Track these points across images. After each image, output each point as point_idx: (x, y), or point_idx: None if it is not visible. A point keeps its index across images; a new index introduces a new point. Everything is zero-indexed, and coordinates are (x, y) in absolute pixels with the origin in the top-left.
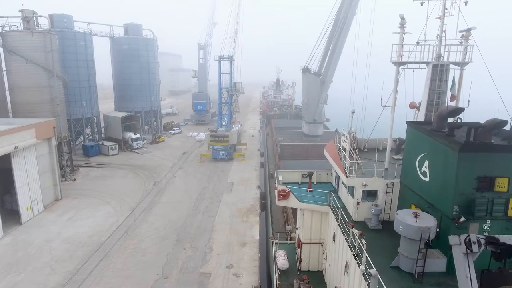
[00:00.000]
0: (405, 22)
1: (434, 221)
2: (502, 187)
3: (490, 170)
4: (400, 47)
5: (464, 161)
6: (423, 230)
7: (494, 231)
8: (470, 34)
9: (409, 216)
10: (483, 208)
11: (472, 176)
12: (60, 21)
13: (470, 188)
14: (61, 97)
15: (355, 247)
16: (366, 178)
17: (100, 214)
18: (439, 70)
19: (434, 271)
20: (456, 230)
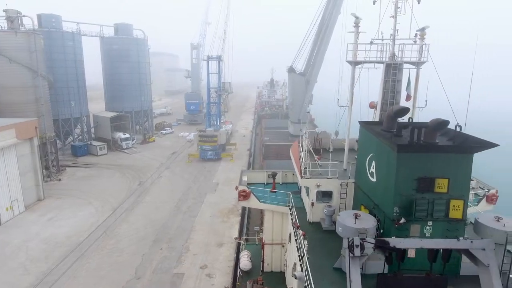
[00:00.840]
0: (359, 21)
1: (373, 222)
2: (442, 188)
3: (430, 170)
4: (355, 46)
5: (403, 162)
6: (359, 232)
7: (435, 232)
8: (425, 33)
9: (349, 218)
10: (423, 210)
11: (412, 177)
12: (48, 21)
13: (410, 189)
14: (46, 97)
15: (300, 249)
16: (320, 179)
17: (82, 214)
18: (392, 69)
19: (375, 272)
20: (396, 232)
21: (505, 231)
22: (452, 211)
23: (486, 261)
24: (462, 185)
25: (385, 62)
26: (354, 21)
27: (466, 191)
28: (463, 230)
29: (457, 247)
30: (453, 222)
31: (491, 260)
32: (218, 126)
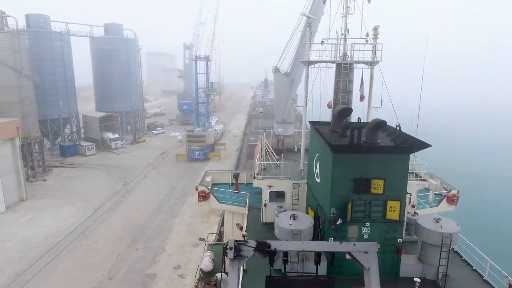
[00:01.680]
0: (311, 21)
1: (309, 223)
2: (378, 189)
3: (366, 171)
4: (308, 46)
5: (338, 162)
6: (293, 233)
7: (373, 233)
8: (378, 33)
9: (286, 219)
10: (360, 211)
11: (348, 178)
12: (36, 21)
13: (346, 190)
14: (31, 97)
15: None
16: (272, 179)
17: (62, 215)
18: (343, 69)
19: (312, 273)
20: (334, 233)
21: (440, 232)
22: (389, 212)
23: (367, 264)
24: (399, 186)
25: (336, 62)
26: (307, 20)
27: (403, 192)
28: (400, 231)
29: (339, 250)
30: (391, 223)
31: (372, 264)
32: (207, 126)
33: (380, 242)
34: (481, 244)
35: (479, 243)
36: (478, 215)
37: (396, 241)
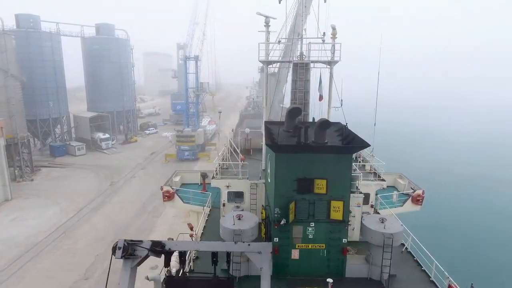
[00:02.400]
0: (269, 21)
1: (253, 224)
2: (321, 189)
3: (309, 171)
4: (266, 46)
5: (282, 162)
6: (235, 233)
7: (318, 234)
8: (336, 32)
9: (230, 219)
10: (304, 211)
11: (291, 178)
12: (26, 21)
13: (290, 190)
14: (18, 97)
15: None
16: (230, 179)
17: (46, 215)
18: (299, 69)
19: (255, 274)
20: (279, 233)
21: (383, 232)
22: (333, 212)
23: (260, 264)
24: (342, 185)
25: (293, 61)
26: (264, 20)
27: (346, 192)
28: (345, 231)
29: (233, 250)
30: (335, 223)
31: (264, 264)
32: (197, 126)
33: (325, 242)
34: (438, 244)
35: (437, 242)
36: (443, 215)
37: (341, 241)
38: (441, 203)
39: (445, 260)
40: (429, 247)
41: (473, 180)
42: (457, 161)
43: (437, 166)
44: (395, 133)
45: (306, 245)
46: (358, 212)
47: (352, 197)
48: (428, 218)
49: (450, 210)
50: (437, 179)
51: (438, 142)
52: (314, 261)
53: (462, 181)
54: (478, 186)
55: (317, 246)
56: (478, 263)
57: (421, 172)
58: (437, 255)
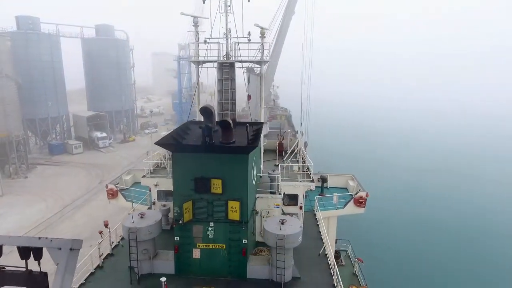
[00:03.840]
0: (197, 21)
1: (150, 222)
2: (217, 189)
3: (206, 171)
4: (196, 46)
5: (179, 162)
6: (130, 231)
7: (218, 233)
8: (265, 32)
9: (136, 217)
10: (203, 210)
11: (188, 177)
12: (25, 23)
13: (188, 189)
14: (13, 97)
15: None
16: (159, 178)
17: (30, 211)
18: (224, 69)
19: (164, 272)
20: (181, 232)
21: (277, 234)
22: (230, 212)
23: (57, 260)
24: (238, 186)
25: (219, 61)
26: (193, 20)
27: (243, 192)
28: (244, 232)
29: (36, 245)
30: (234, 224)
31: (61, 260)
32: None
33: (225, 242)
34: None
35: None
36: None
37: (241, 242)
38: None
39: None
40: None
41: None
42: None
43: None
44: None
45: (207, 245)
46: (278, 213)
47: (271, 197)
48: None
49: (393, 218)
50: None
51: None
52: (215, 261)
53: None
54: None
55: (217, 246)
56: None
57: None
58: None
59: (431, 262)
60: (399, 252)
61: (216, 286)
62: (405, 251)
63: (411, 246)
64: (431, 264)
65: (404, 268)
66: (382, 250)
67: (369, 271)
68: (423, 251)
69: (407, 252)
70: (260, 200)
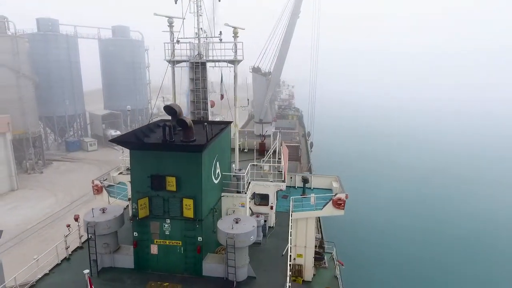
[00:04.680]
0: (172, 21)
1: (112, 217)
2: (172, 186)
3: (161, 168)
4: (171, 45)
5: (136, 159)
6: (89, 225)
7: (174, 230)
8: (238, 31)
9: (91, 212)
10: (159, 207)
11: (145, 174)
12: (45, 25)
13: (145, 186)
14: (30, 95)
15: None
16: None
17: (41, 205)
18: (195, 68)
19: (123, 266)
20: (140, 228)
21: (227, 233)
22: (185, 210)
23: None
24: (192, 184)
25: (190, 60)
26: (167, 20)
27: (197, 190)
28: (199, 230)
29: None
30: (189, 221)
31: None
32: None
33: (181, 239)
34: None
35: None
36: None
37: (196, 239)
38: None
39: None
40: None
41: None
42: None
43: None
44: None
45: (164, 241)
46: (244, 212)
47: (237, 197)
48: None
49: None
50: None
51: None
52: (172, 257)
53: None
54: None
55: (174, 242)
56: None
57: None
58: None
59: (437, 265)
60: (396, 255)
61: (171, 282)
62: (405, 253)
63: (411, 248)
64: (438, 267)
65: (397, 272)
66: (377, 253)
67: (358, 274)
68: (424, 254)
69: (405, 254)
70: (225, 199)
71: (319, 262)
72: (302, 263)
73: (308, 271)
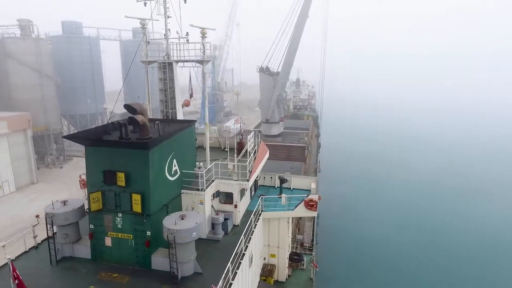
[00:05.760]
0: (145, 23)
1: (71, 209)
2: (121, 182)
3: (113, 164)
4: (145, 46)
5: (91, 155)
6: (47, 216)
7: (126, 224)
8: (206, 32)
9: (58, 204)
10: (111, 201)
11: (99, 169)
12: (69, 27)
13: (99, 181)
14: (51, 94)
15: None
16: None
17: (56, 198)
18: (163, 68)
19: (82, 256)
20: (95, 221)
21: (168, 228)
22: (134, 204)
23: None
24: (140, 180)
25: (158, 61)
26: (140, 22)
27: (144, 185)
28: (148, 224)
29: None
30: (138, 216)
31: None
32: (214, 124)
33: (132, 233)
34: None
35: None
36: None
37: (145, 233)
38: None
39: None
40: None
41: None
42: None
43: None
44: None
45: (117, 234)
46: (202, 209)
47: (196, 194)
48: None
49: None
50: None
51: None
52: (124, 250)
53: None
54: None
55: (125, 236)
56: None
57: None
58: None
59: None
60: (398, 258)
61: (121, 274)
62: (404, 255)
63: (411, 250)
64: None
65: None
66: (377, 253)
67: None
68: (424, 257)
69: (412, 259)
70: (185, 196)
71: (296, 263)
72: (276, 263)
73: (282, 272)
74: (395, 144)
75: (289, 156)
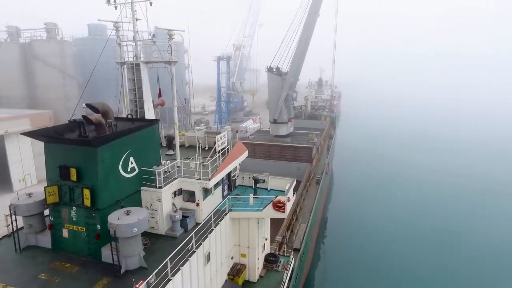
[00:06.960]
0: (119, 26)
1: (32, 201)
2: (74, 177)
3: (67, 160)
4: (119, 47)
5: (48, 151)
6: (11, 207)
7: (80, 217)
8: (173, 33)
9: (23, 196)
10: (66, 195)
11: (55, 165)
12: (94, 30)
13: (56, 176)
14: (74, 93)
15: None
16: None
17: None
18: (131, 69)
19: (44, 246)
20: (54, 213)
21: (110, 222)
22: (85, 199)
23: None
24: (90, 175)
25: (128, 62)
26: (114, 24)
27: (93, 181)
28: (98, 218)
29: None
30: (89, 210)
31: None
32: (225, 124)
33: (84, 226)
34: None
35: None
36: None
37: (95, 227)
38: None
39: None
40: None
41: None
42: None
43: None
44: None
45: (72, 226)
46: (160, 206)
47: (153, 191)
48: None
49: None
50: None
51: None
52: (78, 242)
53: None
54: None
55: (79, 228)
56: None
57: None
58: None
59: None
60: (399, 258)
61: (72, 264)
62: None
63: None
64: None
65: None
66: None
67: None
68: (426, 260)
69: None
70: (144, 192)
71: (271, 264)
72: (246, 263)
73: (253, 272)
74: (404, 144)
75: (296, 157)
